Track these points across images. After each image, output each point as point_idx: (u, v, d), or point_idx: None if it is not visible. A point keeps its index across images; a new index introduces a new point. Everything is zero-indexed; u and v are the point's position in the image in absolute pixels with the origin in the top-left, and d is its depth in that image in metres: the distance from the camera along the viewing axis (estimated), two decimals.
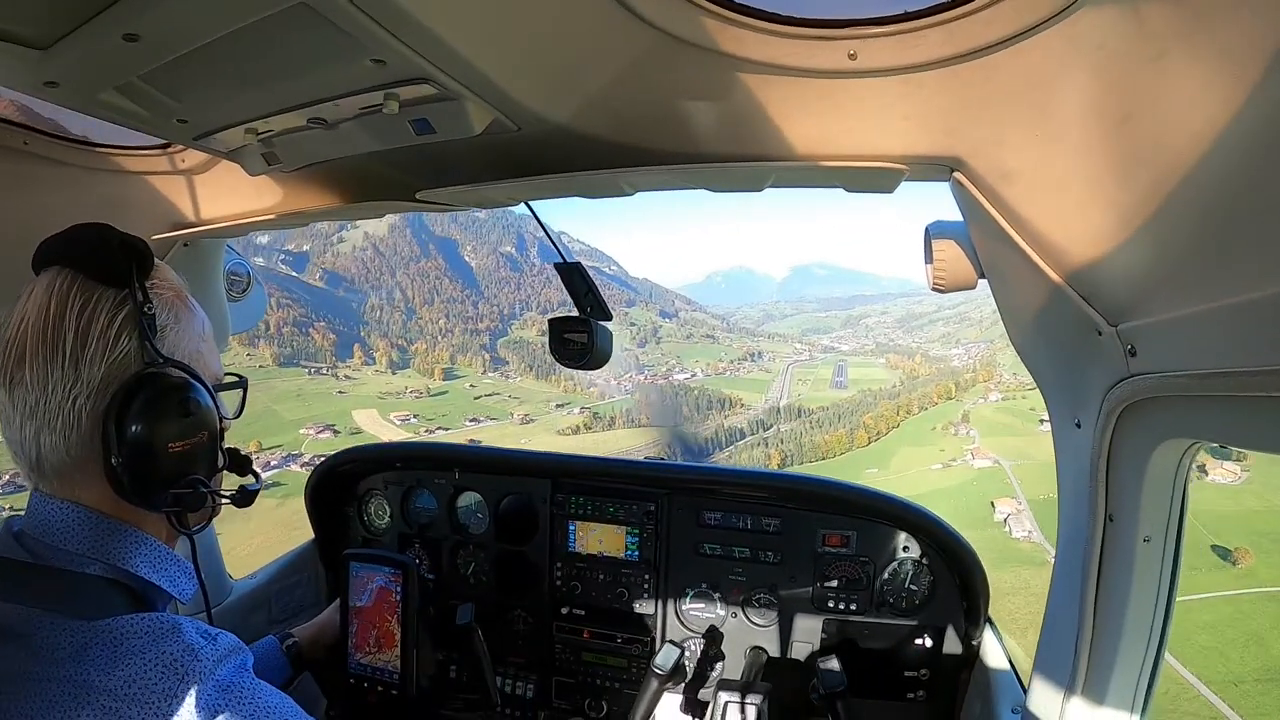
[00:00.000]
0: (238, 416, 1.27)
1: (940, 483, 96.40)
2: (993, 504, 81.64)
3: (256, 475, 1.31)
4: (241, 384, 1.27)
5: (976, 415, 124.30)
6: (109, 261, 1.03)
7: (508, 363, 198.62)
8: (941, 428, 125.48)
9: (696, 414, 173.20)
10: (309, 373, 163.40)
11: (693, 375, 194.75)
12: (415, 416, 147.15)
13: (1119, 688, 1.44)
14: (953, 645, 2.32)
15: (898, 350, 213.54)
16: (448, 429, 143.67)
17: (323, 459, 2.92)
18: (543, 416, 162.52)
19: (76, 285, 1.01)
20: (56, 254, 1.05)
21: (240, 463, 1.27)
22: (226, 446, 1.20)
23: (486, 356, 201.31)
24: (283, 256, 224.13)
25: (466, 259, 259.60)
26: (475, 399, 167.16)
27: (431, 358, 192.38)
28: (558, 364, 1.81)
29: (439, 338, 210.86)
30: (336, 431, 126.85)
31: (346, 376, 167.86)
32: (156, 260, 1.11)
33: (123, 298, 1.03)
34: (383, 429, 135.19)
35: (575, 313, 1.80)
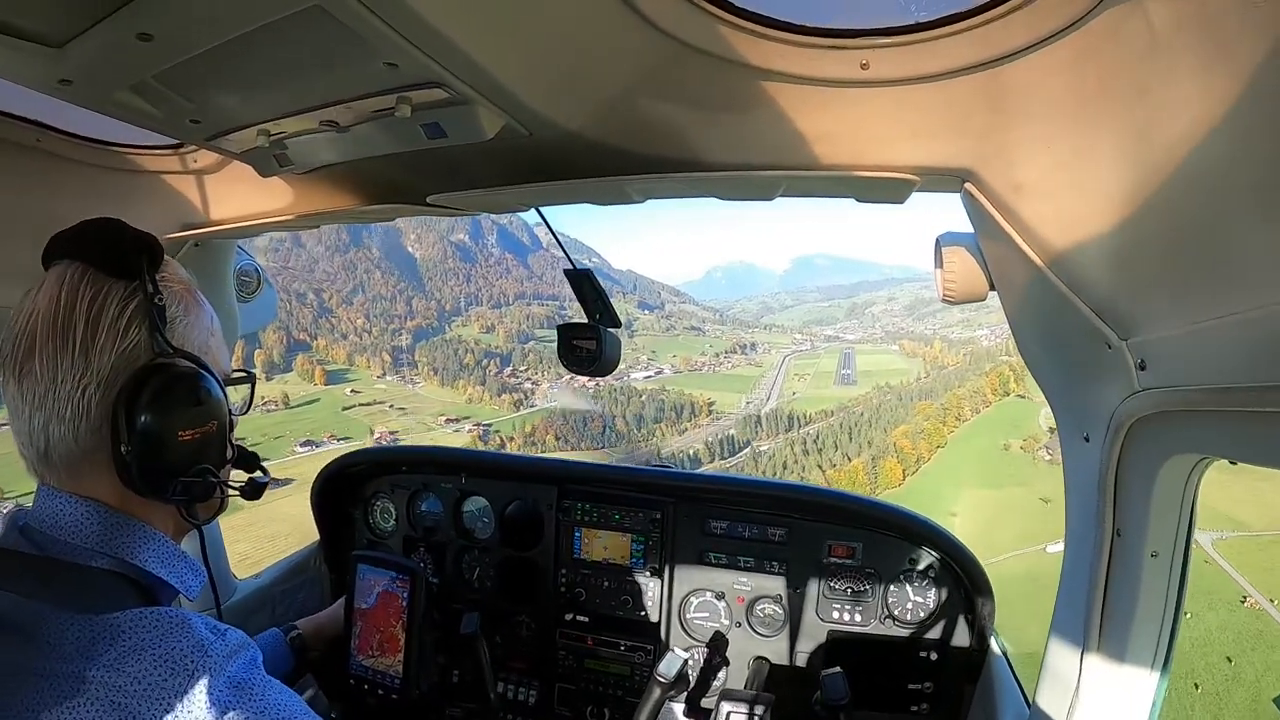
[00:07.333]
0: (246, 412, 1.27)
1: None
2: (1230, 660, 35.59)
3: (264, 470, 1.31)
4: (250, 379, 1.27)
5: None
6: (119, 254, 1.04)
7: (415, 366, 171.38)
8: (1020, 448, 75.22)
9: (637, 430, 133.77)
10: None
11: (657, 373, 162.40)
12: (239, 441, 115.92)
13: (1125, 703, 1.43)
14: (957, 659, 2.30)
15: (911, 336, 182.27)
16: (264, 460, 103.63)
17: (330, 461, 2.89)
18: (415, 435, 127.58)
19: (87, 277, 1.02)
20: (67, 248, 1.05)
21: (248, 459, 1.27)
22: (235, 442, 1.21)
23: (388, 358, 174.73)
24: None
25: (409, 249, 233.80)
26: (344, 409, 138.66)
27: (324, 358, 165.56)
28: (464, 370, 1.82)
29: (347, 336, 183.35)
30: None
31: None
32: (166, 255, 1.11)
33: (133, 289, 1.03)
34: None
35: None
